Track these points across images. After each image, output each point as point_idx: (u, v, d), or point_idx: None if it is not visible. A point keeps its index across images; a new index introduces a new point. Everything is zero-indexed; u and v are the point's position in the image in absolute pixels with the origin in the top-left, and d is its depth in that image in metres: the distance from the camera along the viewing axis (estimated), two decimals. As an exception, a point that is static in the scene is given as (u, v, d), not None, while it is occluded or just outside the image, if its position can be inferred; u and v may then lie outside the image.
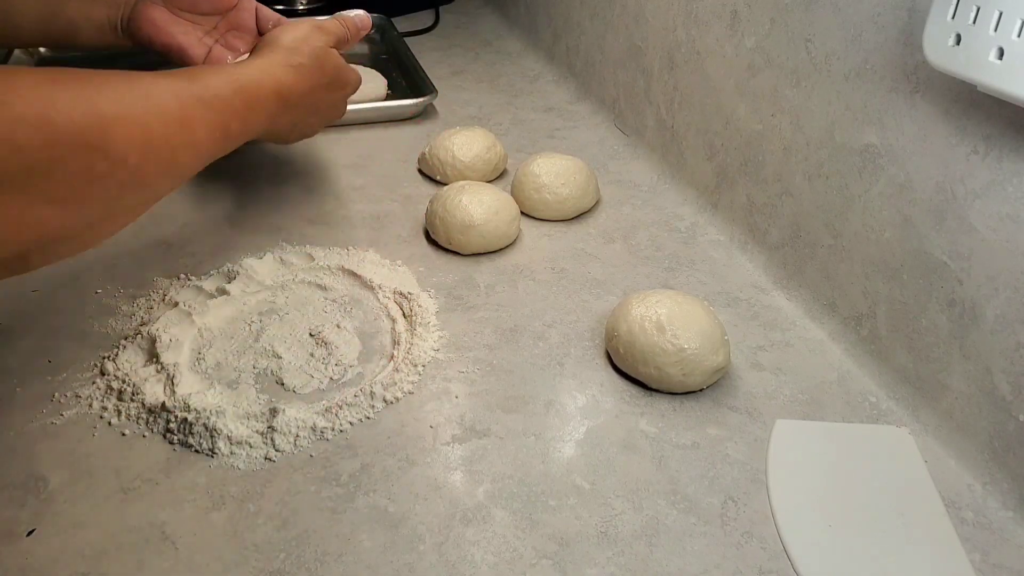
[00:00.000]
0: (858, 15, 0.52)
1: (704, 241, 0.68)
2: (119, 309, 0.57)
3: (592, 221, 0.71)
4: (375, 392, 0.50)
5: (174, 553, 0.40)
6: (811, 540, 0.42)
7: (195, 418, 0.47)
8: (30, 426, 0.48)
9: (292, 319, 0.56)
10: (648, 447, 0.48)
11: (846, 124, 0.54)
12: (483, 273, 0.63)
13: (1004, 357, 0.45)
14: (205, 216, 0.69)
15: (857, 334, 0.55)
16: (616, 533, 0.42)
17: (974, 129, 0.45)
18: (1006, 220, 0.44)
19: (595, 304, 0.60)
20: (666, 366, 0.50)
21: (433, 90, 0.90)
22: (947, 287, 0.48)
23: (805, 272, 0.60)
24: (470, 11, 1.30)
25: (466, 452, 0.47)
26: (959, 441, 0.47)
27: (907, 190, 0.50)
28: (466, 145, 0.74)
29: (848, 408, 0.51)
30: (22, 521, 0.42)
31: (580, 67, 0.96)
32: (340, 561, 0.40)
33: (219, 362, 0.53)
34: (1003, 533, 0.43)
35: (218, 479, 0.45)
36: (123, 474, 0.45)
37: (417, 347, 0.54)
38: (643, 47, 0.80)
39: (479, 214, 0.63)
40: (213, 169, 0.76)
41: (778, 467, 0.47)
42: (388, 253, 0.65)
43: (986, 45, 0.40)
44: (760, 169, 0.64)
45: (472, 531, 0.42)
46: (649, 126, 0.80)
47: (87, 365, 0.52)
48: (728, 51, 0.66)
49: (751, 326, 0.58)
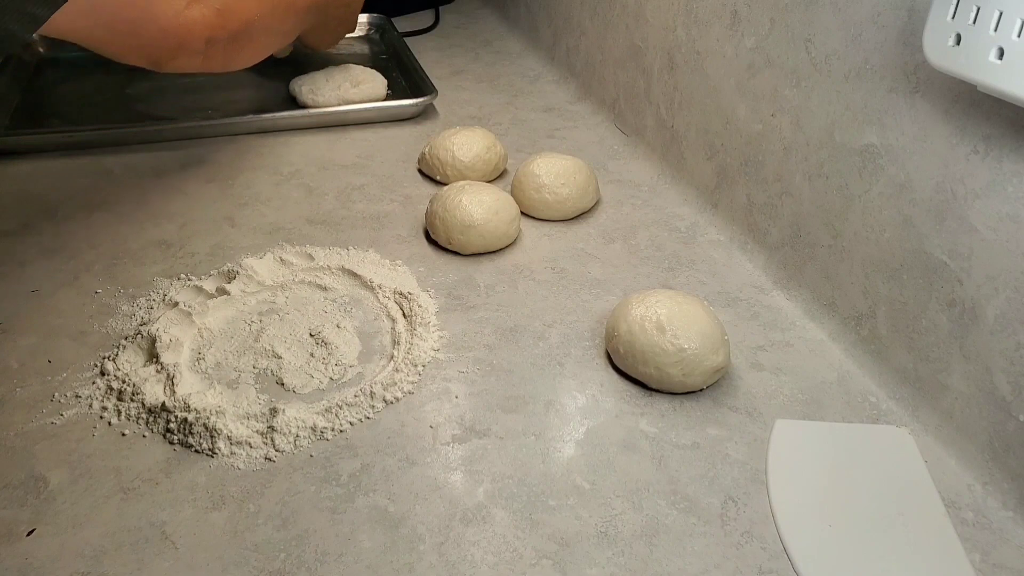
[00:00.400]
0: (858, 15, 0.52)
1: (704, 241, 0.68)
2: (119, 309, 0.57)
3: (592, 221, 0.71)
4: (375, 392, 0.50)
5: (174, 553, 0.40)
6: (811, 540, 0.42)
7: (195, 418, 0.47)
8: (30, 426, 0.48)
9: (292, 319, 0.56)
10: (648, 447, 0.48)
11: (846, 124, 0.54)
12: (483, 273, 0.63)
13: (1004, 357, 0.45)
14: (205, 216, 0.69)
15: (857, 334, 0.55)
16: (616, 533, 0.42)
17: (974, 129, 0.45)
18: (1006, 220, 0.44)
19: (595, 304, 0.60)
20: (666, 366, 0.50)
21: (433, 90, 0.90)
22: (947, 287, 0.48)
23: (805, 272, 0.60)
24: (470, 11, 1.30)
25: (466, 452, 0.47)
26: (959, 441, 0.47)
27: (907, 190, 0.50)
28: (466, 145, 0.74)
29: (848, 408, 0.51)
30: (22, 521, 0.42)
31: (580, 67, 0.96)
32: (340, 561, 0.40)
33: (219, 362, 0.53)
34: (1003, 533, 0.43)
35: (218, 479, 0.45)
36: (123, 474, 0.45)
37: (417, 347, 0.54)
38: (643, 47, 0.80)
39: (479, 214, 0.63)
40: (213, 169, 0.77)
41: (778, 467, 0.47)
42: (388, 253, 0.65)
43: (986, 45, 0.40)
44: (760, 169, 0.64)
45: (472, 531, 0.42)
46: (649, 126, 0.80)
47: (87, 365, 0.52)
48: (728, 51, 0.66)
49: (751, 326, 0.58)
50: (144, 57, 0.58)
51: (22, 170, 0.75)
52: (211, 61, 0.64)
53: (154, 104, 0.90)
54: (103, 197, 0.72)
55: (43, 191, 0.72)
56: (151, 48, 0.57)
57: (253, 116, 0.84)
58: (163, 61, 0.60)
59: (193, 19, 0.58)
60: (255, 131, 0.84)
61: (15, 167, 0.76)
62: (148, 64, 0.59)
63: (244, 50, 0.68)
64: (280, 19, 0.71)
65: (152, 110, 0.89)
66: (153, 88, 0.93)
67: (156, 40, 0.56)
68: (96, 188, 0.73)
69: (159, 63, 0.60)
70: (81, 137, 0.80)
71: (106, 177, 0.75)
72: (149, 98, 0.91)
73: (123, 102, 0.91)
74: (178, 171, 0.76)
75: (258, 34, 0.69)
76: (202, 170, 0.77)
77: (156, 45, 0.57)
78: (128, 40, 0.55)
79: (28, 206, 0.70)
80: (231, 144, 0.81)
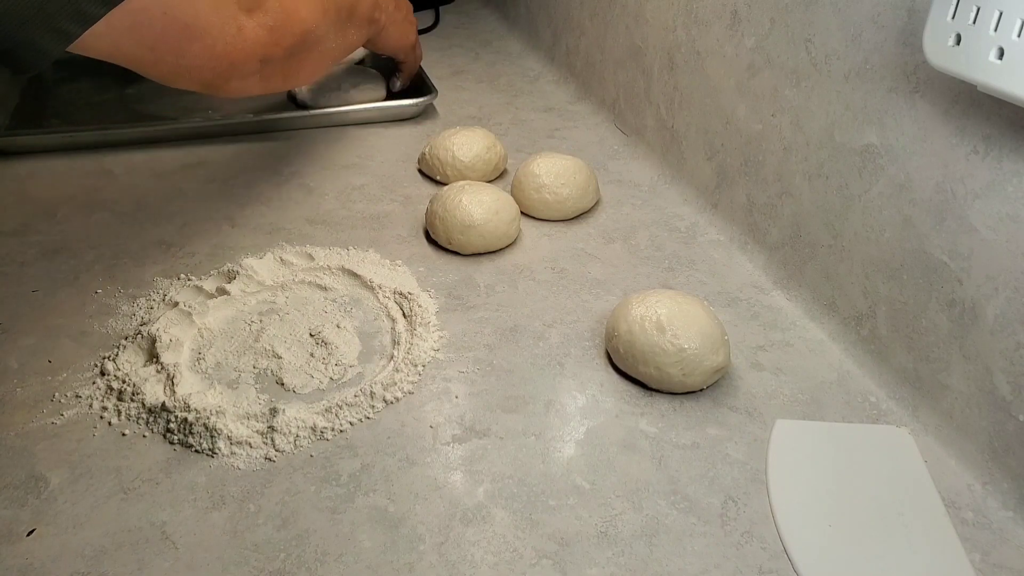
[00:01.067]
0: (858, 15, 0.52)
1: (704, 241, 0.68)
2: (119, 309, 0.57)
3: (592, 221, 0.71)
4: (375, 392, 0.50)
5: (174, 553, 0.40)
6: (811, 540, 0.42)
7: (195, 418, 0.47)
8: (30, 426, 0.48)
9: (292, 319, 0.56)
10: (648, 447, 0.48)
11: (846, 124, 0.54)
12: (483, 273, 0.63)
13: (1004, 357, 0.45)
14: (205, 216, 0.69)
15: (857, 334, 0.55)
16: (616, 533, 0.42)
17: (974, 129, 0.45)
18: (1006, 220, 0.44)
19: (595, 304, 0.60)
20: (666, 366, 0.50)
21: (433, 90, 0.90)
22: (947, 287, 0.48)
23: (805, 272, 0.60)
24: (470, 11, 1.30)
25: (466, 452, 0.47)
26: (959, 441, 0.47)
27: (907, 190, 0.50)
28: (466, 145, 0.74)
29: (848, 408, 0.51)
30: (22, 521, 0.42)
31: (580, 67, 0.96)
32: (340, 561, 0.40)
33: (219, 362, 0.53)
34: (1003, 533, 0.43)
35: (218, 479, 0.45)
36: (123, 474, 0.45)
37: (417, 347, 0.54)
38: (643, 47, 0.80)
39: (479, 214, 0.63)
40: (213, 168, 0.77)
41: (778, 467, 0.47)
42: (388, 253, 0.65)
43: (986, 45, 0.40)
44: (760, 169, 0.64)
45: (472, 531, 0.42)
46: (649, 126, 0.80)
47: (87, 365, 0.52)
48: (728, 51, 0.66)
49: (751, 326, 0.58)
50: (195, 81, 0.54)
51: (22, 170, 0.75)
52: (269, 81, 0.61)
53: (154, 104, 0.90)
54: (103, 197, 0.72)
55: (43, 191, 0.72)
56: (201, 71, 0.53)
57: (253, 116, 0.84)
58: (217, 84, 0.56)
59: (245, 39, 0.54)
60: (255, 131, 0.84)
61: (15, 167, 0.76)
62: (201, 88, 0.56)
63: (304, 65, 0.65)
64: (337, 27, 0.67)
65: (152, 110, 0.89)
66: (153, 88, 0.92)
67: (206, 63, 0.52)
68: (96, 188, 0.73)
69: (213, 87, 0.56)
70: (81, 137, 0.80)
71: (106, 177, 0.75)
72: (149, 98, 0.91)
73: (123, 102, 0.91)
74: (178, 171, 0.76)
75: (316, 46, 0.65)
76: (202, 170, 0.77)
77: (207, 68, 0.53)
78: (176, 62, 0.51)
79: (28, 206, 0.70)
80: (231, 144, 0.81)
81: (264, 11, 0.56)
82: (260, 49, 0.56)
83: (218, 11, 0.51)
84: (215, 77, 0.55)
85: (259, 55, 0.57)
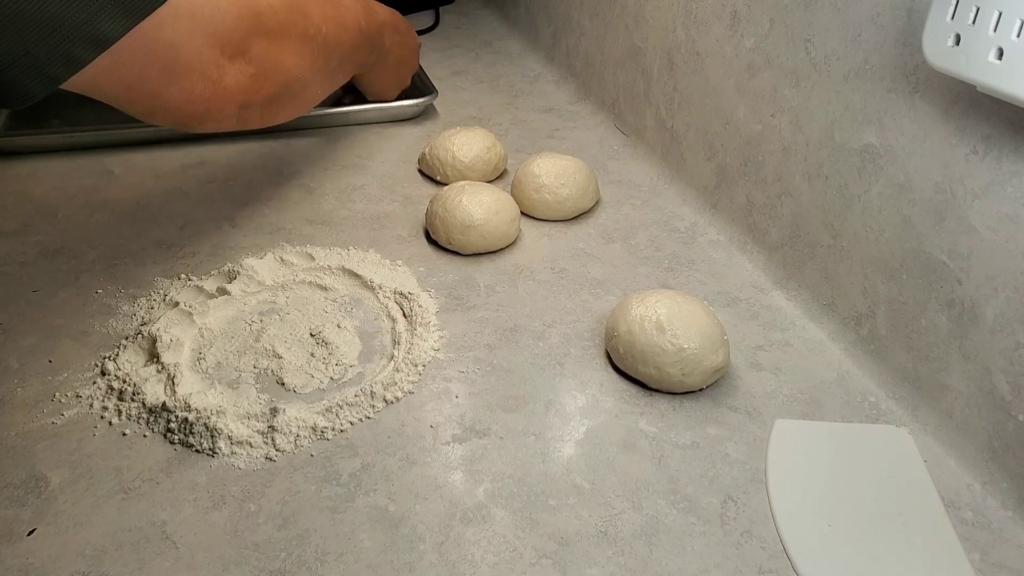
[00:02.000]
0: (858, 15, 0.52)
1: (704, 241, 0.68)
2: (119, 309, 0.57)
3: (592, 221, 0.71)
4: (375, 392, 0.50)
5: (174, 553, 0.41)
6: (811, 540, 0.42)
7: (196, 418, 0.47)
8: (30, 426, 0.48)
9: (292, 319, 0.56)
10: (648, 447, 0.48)
11: (845, 124, 0.54)
12: (483, 273, 0.63)
13: (1004, 357, 0.45)
14: (205, 216, 0.69)
15: (856, 334, 0.55)
16: (616, 533, 0.42)
17: (974, 129, 0.45)
18: (1006, 220, 0.44)
19: (595, 304, 0.60)
20: (666, 366, 0.50)
21: (433, 90, 0.90)
22: (947, 287, 0.48)
23: (805, 272, 0.60)
24: (470, 11, 1.30)
25: (466, 452, 0.47)
26: (959, 441, 0.47)
27: (907, 190, 0.50)
28: (466, 145, 0.74)
29: (848, 408, 0.51)
30: (22, 521, 0.42)
31: (580, 67, 0.96)
32: (340, 560, 0.40)
33: (220, 362, 0.53)
34: (1003, 533, 0.43)
35: (219, 479, 0.45)
36: (124, 474, 0.45)
37: (417, 347, 0.54)
38: (643, 47, 0.80)
39: (479, 214, 0.63)
40: (213, 169, 0.77)
41: (778, 467, 0.47)
42: (388, 253, 0.65)
43: (986, 45, 0.40)
44: (760, 169, 0.64)
45: (472, 531, 0.42)
46: (649, 126, 0.81)
47: (87, 365, 0.52)
48: (728, 51, 0.66)
49: (751, 326, 0.58)
50: (170, 120, 0.54)
51: (22, 170, 0.75)
52: (247, 123, 0.59)
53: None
54: (103, 197, 0.72)
55: (43, 191, 0.72)
56: (177, 112, 0.52)
57: (253, 116, 0.84)
58: (191, 125, 0.56)
59: (226, 86, 0.53)
60: (255, 131, 0.84)
61: (15, 167, 0.76)
62: (175, 126, 0.56)
63: (284, 109, 0.63)
64: (324, 71, 0.66)
65: (152, 110, 0.89)
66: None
67: (182, 106, 0.51)
68: (96, 188, 0.73)
69: (187, 127, 0.56)
70: (81, 137, 0.80)
71: (106, 177, 0.75)
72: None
73: (123, 102, 0.91)
74: (178, 171, 0.76)
75: (300, 93, 0.64)
76: (202, 170, 0.77)
77: (182, 110, 0.52)
78: (151, 103, 0.50)
79: (28, 206, 0.70)
80: (231, 144, 0.81)
81: (247, 59, 0.54)
82: (240, 96, 0.55)
83: (199, 56, 0.50)
84: (189, 119, 0.54)
85: (238, 101, 0.55)
